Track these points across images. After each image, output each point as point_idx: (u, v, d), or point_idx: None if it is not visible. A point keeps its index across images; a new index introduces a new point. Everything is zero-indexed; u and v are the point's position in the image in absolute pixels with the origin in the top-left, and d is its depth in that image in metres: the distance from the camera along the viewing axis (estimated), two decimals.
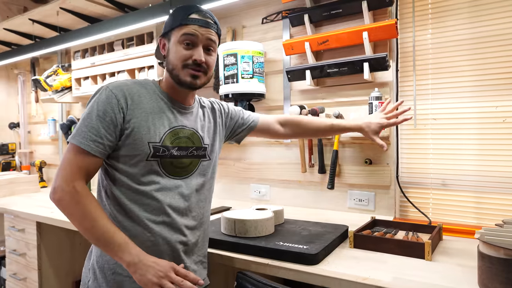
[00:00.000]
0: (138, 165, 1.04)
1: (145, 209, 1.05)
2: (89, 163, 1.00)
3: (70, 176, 0.98)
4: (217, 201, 2.17)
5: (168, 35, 1.10)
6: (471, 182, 1.57)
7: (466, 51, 1.57)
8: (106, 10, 2.35)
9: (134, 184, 1.04)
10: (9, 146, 3.50)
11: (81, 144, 0.99)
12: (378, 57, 1.61)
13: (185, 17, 1.06)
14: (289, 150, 2.01)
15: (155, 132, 1.06)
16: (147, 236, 1.05)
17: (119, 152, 1.04)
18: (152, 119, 1.07)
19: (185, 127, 1.13)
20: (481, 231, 0.97)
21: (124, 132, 1.03)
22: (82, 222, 0.97)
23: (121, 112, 1.02)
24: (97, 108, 1.01)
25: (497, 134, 1.52)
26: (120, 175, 1.05)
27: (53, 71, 2.78)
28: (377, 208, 1.74)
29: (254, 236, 1.33)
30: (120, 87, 1.05)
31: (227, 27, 2.17)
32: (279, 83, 2.03)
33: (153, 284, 0.92)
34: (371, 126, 1.35)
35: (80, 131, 1.00)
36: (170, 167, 1.08)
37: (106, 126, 1.00)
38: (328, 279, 1.07)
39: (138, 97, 1.07)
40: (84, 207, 0.97)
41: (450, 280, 1.01)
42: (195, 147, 1.14)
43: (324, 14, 1.79)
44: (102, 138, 1.00)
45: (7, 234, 2.32)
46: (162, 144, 1.06)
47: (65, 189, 0.97)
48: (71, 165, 0.99)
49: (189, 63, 1.07)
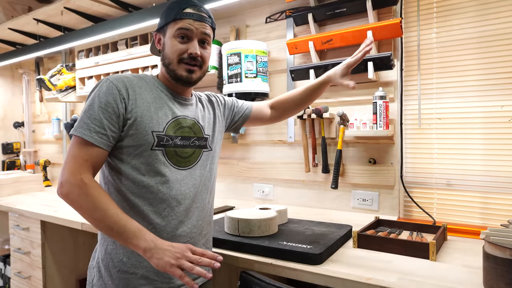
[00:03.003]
0: (143, 155, 1.04)
1: (150, 203, 1.05)
2: (94, 155, 0.99)
3: (77, 169, 0.97)
4: (220, 201, 2.17)
5: (163, 29, 1.11)
6: (476, 182, 1.56)
7: (471, 50, 1.56)
8: (110, 9, 2.36)
9: (140, 175, 1.04)
10: (13, 145, 3.52)
11: (84, 135, 0.98)
12: (382, 56, 1.60)
13: (180, 11, 1.07)
14: (293, 150, 2.00)
15: (158, 121, 1.06)
16: (151, 231, 1.03)
17: (123, 143, 1.03)
18: (154, 108, 1.07)
19: (187, 117, 1.14)
20: (486, 231, 0.96)
21: (127, 122, 1.03)
22: (93, 213, 0.96)
23: (123, 102, 1.02)
24: (99, 100, 1.01)
25: (502, 134, 1.51)
26: (125, 167, 1.04)
27: (57, 71, 2.79)
28: (381, 208, 1.73)
29: (258, 236, 1.33)
30: (121, 79, 1.06)
31: (231, 26, 2.17)
32: (283, 83, 2.03)
33: (171, 266, 0.90)
34: (337, 71, 1.31)
35: (82, 123, 0.99)
36: (174, 156, 1.09)
37: (108, 117, 1.00)
38: (332, 279, 1.07)
39: (139, 88, 1.07)
40: (93, 198, 0.95)
41: (455, 281, 1.00)
42: (196, 137, 1.15)
43: (328, 13, 1.78)
44: (106, 129, 1.00)
45: (12, 233, 2.33)
46: (165, 133, 1.07)
47: (73, 182, 0.96)
48: (76, 158, 0.98)
49: (185, 57, 1.08)
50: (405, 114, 1.70)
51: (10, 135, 3.54)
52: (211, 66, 2.06)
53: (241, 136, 2.18)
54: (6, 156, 3.50)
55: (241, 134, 2.17)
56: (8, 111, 3.55)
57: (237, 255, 1.26)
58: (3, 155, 3.48)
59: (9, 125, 3.54)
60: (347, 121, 1.75)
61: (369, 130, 1.66)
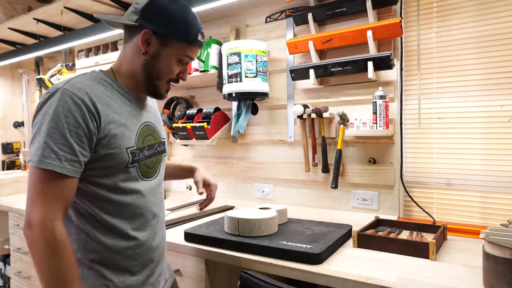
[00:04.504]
0: (116, 174, 0.96)
1: (128, 221, 0.99)
2: (68, 188, 0.88)
3: (49, 213, 0.85)
4: (220, 200, 2.17)
5: (163, 38, 0.98)
6: (476, 182, 1.56)
7: (471, 50, 1.56)
8: (110, 9, 2.35)
9: (115, 195, 0.96)
10: (13, 145, 3.52)
11: (55, 167, 0.84)
12: (382, 56, 1.60)
13: (195, 37, 1.01)
14: (293, 150, 2.00)
15: (129, 135, 0.98)
16: (131, 250, 1.00)
17: (95, 165, 0.93)
18: (124, 120, 0.97)
19: (149, 123, 1.07)
20: (486, 231, 0.96)
21: (100, 142, 0.91)
22: (50, 279, 0.85)
23: (93, 121, 0.89)
24: (65, 120, 0.86)
25: (502, 134, 1.50)
26: (98, 189, 0.94)
27: (57, 70, 2.79)
28: (381, 207, 1.73)
29: (258, 236, 1.33)
30: (82, 90, 0.90)
31: (231, 26, 2.17)
32: (283, 82, 2.03)
33: None
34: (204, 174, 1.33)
35: (47, 151, 0.84)
36: (144, 168, 1.02)
37: (78, 140, 0.87)
38: (332, 278, 1.07)
39: (105, 98, 0.95)
40: (58, 261, 0.85)
41: (455, 281, 1.00)
42: (157, 142, 1.09)
43: (328, 12, 1.78)
44: (77, 156, 0.87)
45: (12, 233, 2.33)
46: (137, 147, 0.99)
47: (42, 232, 0.84)
48: (48, 197, 0.85)
49: (173, 78, 1.04)
50: (405, 113, 1.70)
51: (10, 134, 3.54)
52: (211, 65, 2.06)
53: (241, 135, 2.18)
54: (6, 156, 3.50)
55: (241, 134, 2.17)
56: (8, 110, 3.55)
57: (237, 255, 1.26)
58: (3, 154, 3.48)
59: (9, 125, 3.54)
60: (347, 120, 1.75)
61: (369, 129, 1.66)
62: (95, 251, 0.96)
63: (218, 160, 2.28)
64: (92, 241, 0.96)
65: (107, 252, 0.97)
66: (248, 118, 1.99)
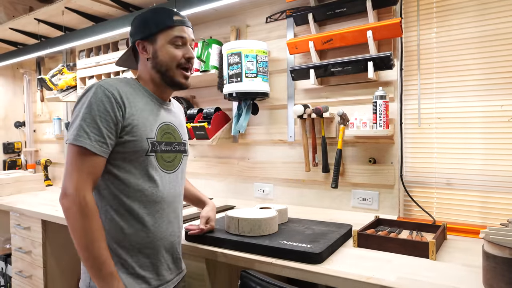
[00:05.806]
0: (138, 160, 1.08)
1: (144, 206, 1.10)
2: (97, 165, 1.02)
3: (81, 185, 0.99)
4: (220, 200, 2.18)
5: (151, 38, 1.13)
6: (476, 182, 1.56)
7: (471, 50, 1.56)
8: (111, 9, 2.36)
9: (135, 179, 1.08)
10: (14, 144, 3.53)
11: (86, 145, 1.00)
12: (382, 56, 1.61)
13: (171, 19, 1.13)
14: (293, 149, 2.01)
15: (151, 128, 1.11)
16: (144, 234, 1.10)
17: (119, 149, 1.06)
18: (146, 115, 1.12)
19: (169, 123, 1.20)
20: (486, 230, 0.96)
21: (124, 129, 1.06)
22: (80, 238, 0.98)
23: (120, 110, 1.05)
24: (97, 108, 1.02)
25: (502, 134, 1.51)
26: (121, 172, 1.07)
27: (58, 70, 2.80)
28: (381, 207, 1.74)
29: (258, 235, 1.33)
30: (113, 86, 1.07)
31: (231, 26, 2.17)
32: (283, 82, 2.03)
33: None
34: (211, 212, 1.42)
35: (82, 131, 1.00)
36: (161, 161, 1.14)
37: (107, 125, 1.02)
38: (332, 278, 1.07)
39: (131, 95, 1.10)
40: (88, 223, 0.98)
41: (455, 280, 1.01)
42: (177, 142, 1.22)
43: (328, 13, 1.79)
44: (105, 138, 1.02)
45: (13, 232, 2.34)
46: (156, 139, 1.12)
47: (75, 199, 0.98)
48: (81, 171, 1.00)
49: (182, 62, 1.15)
50: (405, 113, 1.70)
51: (11, 134, 3.55)
52: (211, 65, 2.07)
53: (241, 135, 2.19)
54: (7, 155, 3.50)
55: (241, 133, 2.17)
56: (9, 110, 3.56)
57: (237, 254, 1.26)
58: (4, 154, 3.49)
59: (10, 125, 3.54)
60: (347, 120, 1.75)
61: (369, 129, 1.66)
62: (113, 232, 1.07)
63: (218, 160, 2.29)
64: (110, 222, 1.07)
65: (122, 233, 1.08)
66: (248, 118, 1.99)
